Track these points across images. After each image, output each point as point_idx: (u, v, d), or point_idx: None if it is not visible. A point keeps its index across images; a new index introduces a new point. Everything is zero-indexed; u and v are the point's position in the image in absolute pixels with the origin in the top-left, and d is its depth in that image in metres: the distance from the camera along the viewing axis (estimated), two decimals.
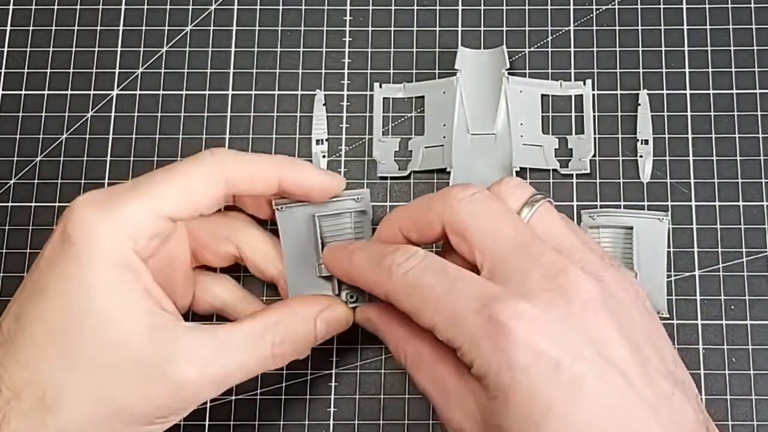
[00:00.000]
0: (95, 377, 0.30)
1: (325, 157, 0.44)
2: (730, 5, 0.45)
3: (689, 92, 0.44)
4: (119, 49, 0.46)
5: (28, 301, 0.31)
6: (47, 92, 0.45)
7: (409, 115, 0.44)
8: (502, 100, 0.43)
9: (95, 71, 0.45)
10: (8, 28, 0.46)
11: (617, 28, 0.45)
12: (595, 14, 0.45)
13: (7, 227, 0.43)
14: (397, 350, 0.35)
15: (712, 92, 0.44)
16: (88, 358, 0.30)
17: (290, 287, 0.38)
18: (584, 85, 0.44)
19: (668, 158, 0.43)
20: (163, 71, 0.45)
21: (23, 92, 0.45)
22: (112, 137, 0.44)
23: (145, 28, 0.46)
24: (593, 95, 0.44)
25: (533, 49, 0.45)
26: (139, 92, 0.45)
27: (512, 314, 0.29)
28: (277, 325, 0.34)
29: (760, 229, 0.42)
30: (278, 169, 0.35)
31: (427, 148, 0.44)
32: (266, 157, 0.37)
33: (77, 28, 0.46)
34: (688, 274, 0.42)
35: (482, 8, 0.46)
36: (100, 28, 0.46)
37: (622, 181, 0.43)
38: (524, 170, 0.43)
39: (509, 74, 0.44)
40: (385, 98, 0.45)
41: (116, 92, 0.45)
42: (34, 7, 0.46)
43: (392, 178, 0.43)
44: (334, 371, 0.41)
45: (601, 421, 0.28)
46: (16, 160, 0.44)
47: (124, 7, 0.46)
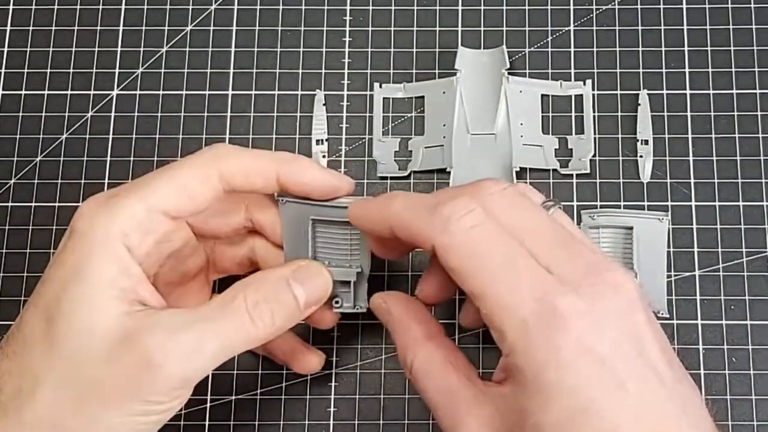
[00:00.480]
0: (70, 362, 0.30)
1: (325, 157, 0.44)
2: (730, 5, 0.45)
3: (689, 92, 0.44)
4: (119, 49, 0.46)
5: (31, 298, 0.32)
6: (47, 92, 0.45)
7: (409, 115, 0.44)
8: (502, 100, 0.43)
9: (95, 71, 0.45)
10: (8, 28, 0.46)
11: (617, 28, 0.45)
12: (595, 14, 0.45)
13: (7, 227, 0.43)
14: (405, 351, 0.33)
15: (712, 92, 0.44)
16: (63, 343, 0.30)
17: None
18: (584, 85, 0.44)
19: (668, 158, 0.43)
20: (163, 71, 0.45)
21: (23, 92, 0.45)
22: (112, 137, 0.44)
23: (145, 28, 0.46)
24: (593, 95, 0.44)
25: (533, 49, 0.45)
26: (139, 92, 0.45)
27: (572, 309, 0.28)
28: (247, 286, 0.33)
29: (760, 229, 0.42)
30: (277, 164, 0.34)
31: (427, 148, 0.44)
32: (266, 152, 0.35)
33: (77, 28, 0.46)
34: (688, 274, 0.42)
35: (482, 8, 0.46)
36: (100, 28, 0.46)
37: (622, 181, 0.43)
38: (524, 170, 0.43)
39: (509, 74, 0.44)
40: (385, 98, 0.45)
41: (116, 92, 0.45)
42: (34, 7, 0.46)
43: (392, 178, 0.43)
44: (334, 371, 0.41)
45: (638, 419, 0.28)
46: (16, 160, 0.44)
47: (124, 7, 0.46)
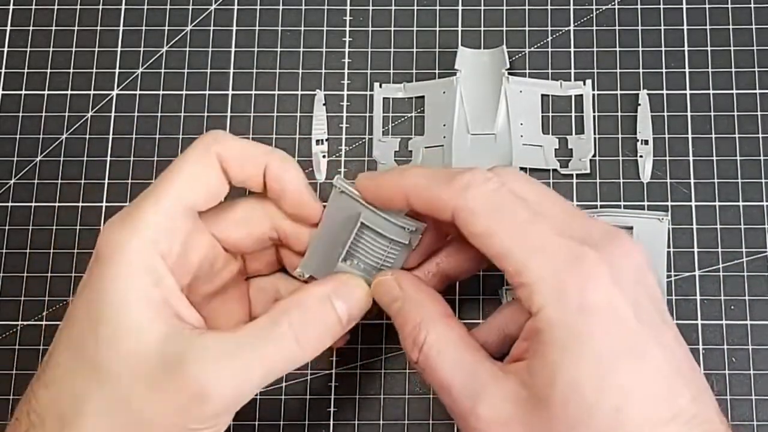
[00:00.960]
0: (112, 387, 0.30)
1: (325, 157, 0.44)
2: (730, 5, 0.45)
3: (689, 92, 0.44)
4: (119, 49, 0.46)
5: (61, 327, 0.32)
6: (47, 92, 0.45)
7: (409, 115, 0.44)
8: (502, 100, 0.43)
9: (95, 71, 0.45)
10: (8, 28, 0.46)
11: (617, 28, 0.45)
12: (595, 14, 0.45)
13: (7, 227, 0.43)
14: (416, 328, 0.32)
15: (712, 92, 0.44)
16: (104, 368, 0.30)
17: (304, 261, 0.36)
18: (584, 85, 0.44)
19: (668, 158, 0.43)
20: (163, 71, 0.45)
21: (23, 92, 0.45)
22: (112, 137, 0.44)
23: (145, 28, 0.46)
24: (593, 95, 0.44)
25: (533, 49, 0.45)
26: (139, 92, 0.45)
27: (599, 261, 0.29)
28: (289, 310, 0.32)
29: (760, 229, 0.42)
30: (266, 158, 0.34)
31: (427, 148, 0.44)
32: (259, 145, 0.35)
33: (77, 28, 0.46)
34: (688, 274, 0.42)
35: (482, 8, 0.46)
36: (100, 28, 0.46)
37: (622, 181, 0.43)
38: (524, 170, 0.43)
39: (509, 74, 0.44)
40: (385, 98, 0.45)
41: (116, 92, 0.45)
42: (34, 7, 0.46)
43: None
44: (334, 371, 0.41)
45: (662, 375, 0.29)
46: (16, 160, 0.44)
47: (124, 7, 0.46)
